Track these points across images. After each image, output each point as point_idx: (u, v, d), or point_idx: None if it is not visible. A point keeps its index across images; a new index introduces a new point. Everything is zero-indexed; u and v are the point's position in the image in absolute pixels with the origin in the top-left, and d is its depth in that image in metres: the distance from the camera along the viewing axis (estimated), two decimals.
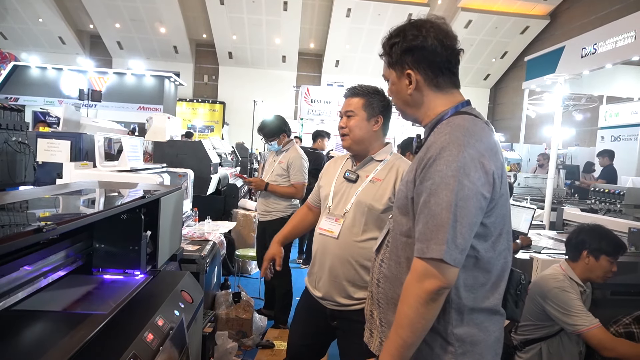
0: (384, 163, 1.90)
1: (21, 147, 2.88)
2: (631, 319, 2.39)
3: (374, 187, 1.85)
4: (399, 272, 1.22)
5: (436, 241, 1.05)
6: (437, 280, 1.06)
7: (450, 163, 1.06)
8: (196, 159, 4.15)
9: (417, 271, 1.09)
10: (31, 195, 1.74)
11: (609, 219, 3.64)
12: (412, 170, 1.18)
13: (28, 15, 15.79)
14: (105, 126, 4.05)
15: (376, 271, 1.34)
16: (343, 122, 1.91)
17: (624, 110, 8.93)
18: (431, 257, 1.05)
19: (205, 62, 18.80)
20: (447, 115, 1.22)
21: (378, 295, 1.31)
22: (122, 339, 1.18)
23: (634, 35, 6.33)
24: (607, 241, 2.15)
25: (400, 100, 1.30)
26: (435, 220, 1.06)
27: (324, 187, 2.01)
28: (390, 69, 1.28)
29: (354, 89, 1.93)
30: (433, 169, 1.09)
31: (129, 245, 1.67)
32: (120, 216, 1.63)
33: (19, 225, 1.19)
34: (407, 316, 1.09)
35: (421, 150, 1.18)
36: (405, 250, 1.21)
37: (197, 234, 2.94)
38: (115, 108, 14.11)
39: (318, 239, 1.91)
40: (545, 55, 6.65)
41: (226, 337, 2.81)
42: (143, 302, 1.46)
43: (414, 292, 1.08)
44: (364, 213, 1.82)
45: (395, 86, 1.28)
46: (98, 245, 1.68)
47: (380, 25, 15.85)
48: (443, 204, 1.05)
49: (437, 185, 1.07)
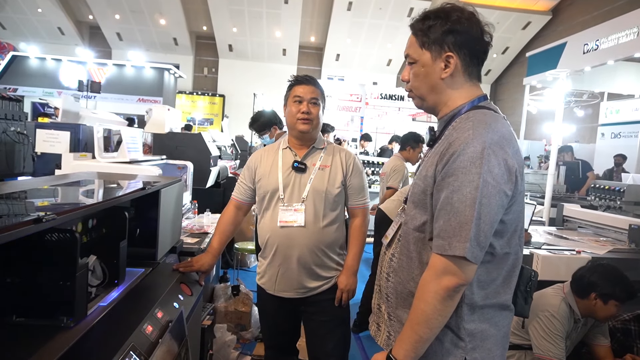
0: (324, 150, 2.01)
1: (20, 138, 2.86)
2: (632, 316, 2.40)
3: (324, 173, 1.95)
4: (410, 266, 1.21)
5: (459, 239, 1.05)
6: (456, 277, 1.06)
7: (474, 160, 1.05)
8: (196, 152, 4.13)
9: (436, 268, 1.08)
10: (29, 185, 1.72)
11: (609, 215, 3.64)
12: (432, 164, 1.15)
13: (27, 5, 15.68)
14: (104, 117, 4.03)
15: (386, 265, 1.32)
16: (306, 107, 1.92)
17: (624, 107, 8.91)
18: (454, 254, 1.05)
19: (205, 54, 18.71)
20: (465, 109, 1.19)
21: (387, 289, 1.29)
22: (121, 330, 1.17)
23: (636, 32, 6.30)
24: (620, 288, 2.06)
25: (427, 85, 1.22)
26: (458, 217, 1.06)
27: (265, 180, 1.98)
28: (424, 50, 1.20)
29: (313, 79, 2.01)
30: (456, 165, 1.07)
31: (58, 280, 1.10)
32: (45, 236, 1.07)
33: (17, 215, 1.18)
34: (423, 312, 1.08)
35: (440, 145, 1.16)
36: (416, 245, 1.20)
37: (197, 227, 2.93)
38: (115, 100, 14.05)
39: (279, 232, 1.91)
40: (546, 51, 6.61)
41: (225, 330, 2.81)
42: (142, 294, 1.45)
43: (431, 289, 1.08)
44: (322, 199, 1.92)
45: (426, 68, 1.20)
46: (10, 279, 1.10)
47: (381, 20, 15.78)
48: (467, 201, 1.05)
49: (460, 181, 1.06)
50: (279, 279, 1.95)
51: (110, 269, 1.41)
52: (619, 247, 3.08)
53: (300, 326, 2.13)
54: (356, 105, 12.85)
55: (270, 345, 2.14)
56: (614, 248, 3.02)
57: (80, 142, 3.07)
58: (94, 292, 1.35)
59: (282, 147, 2.03)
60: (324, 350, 1.97)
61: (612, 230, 3.43)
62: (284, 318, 2.04)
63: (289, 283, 1.94)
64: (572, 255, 2.77)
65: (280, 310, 2.02)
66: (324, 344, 1.98)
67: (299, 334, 2.16)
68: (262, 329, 2.20)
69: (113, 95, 14.02)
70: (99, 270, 1.37)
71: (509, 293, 1.19)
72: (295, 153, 1.99)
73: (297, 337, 2.16)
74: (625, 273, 2.14)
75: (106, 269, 1.40)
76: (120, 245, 1.44)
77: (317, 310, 1.97)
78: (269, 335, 2.13)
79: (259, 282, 2.06)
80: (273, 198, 1.95)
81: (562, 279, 2.29)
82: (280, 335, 2.10)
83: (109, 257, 1.41)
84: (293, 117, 1.95)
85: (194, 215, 3.40)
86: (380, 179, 4.60)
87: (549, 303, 2.13)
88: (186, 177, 3.44)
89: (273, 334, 2.11)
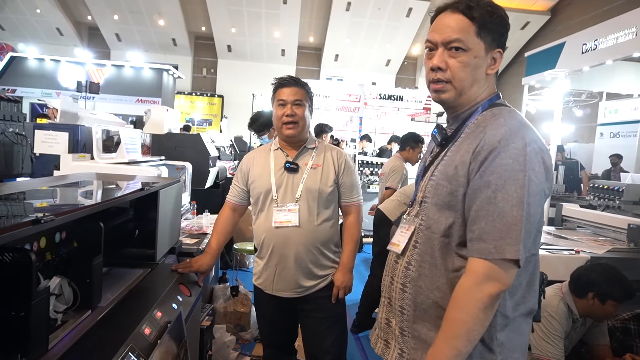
0: (316, 150, 2.03)
1: (18, 139, 2.86)
2: (631, 315, 2.40)
3: (317, 173, 1.97)
4: (434, 274, 1.11)
5: (509, 241, 0.98)
6: (499, 283, 1.00)
7: (517, 156, 1.00)
8: (194, 152, 4.13)
9: (478, 273, 1.00)
10: (28, 186, 1.72)
11: (608, 215, 3.64)
12: (463, 163, 1.07)
13: (26, 6, 15.66)
14: (103, 118, 4.02)
15: (400, 275, 1.19)
16: (290, 109, 1.93)
17: (623, 107, 8.93)
18: (503, 257, 0.98)
19: (204, 55, 18.70)
20: (484, 106, 1.14)
21: (402, 301, 1.17)
22: (119, 331, 1.17)
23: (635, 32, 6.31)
24: (618, 287, 2.06)
25: (473, 77, 1.11)
26: (504, 218, 0.99)
27: (258, 181, 2.00)
28: (480, 40, 1.09)
29: (296, 79, 2.03)
30: (497, 162, 1.00)
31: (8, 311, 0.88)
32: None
33: (16, 216, 1.17)
34: (464, 324, 1.00)
35: (466, 142, 1.09)
36: (442, 251, 1.11)
37: (196, 227, 2.93)
38: (113, 100, 14.05)
39: (274, 232, 1.93)
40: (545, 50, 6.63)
41: (224, 331, 2.81)
42: (141, 295, 1.44)
43: (473, 297, 1.00)
44: (315, 198, 1.93)
45: (478, 60, 1.10)
46: None
47: (380, 20, 15.77)
48: (513, 200, 0.98)
49: (504, 179, 0.99)
50: (276, 278, 1.96)
51: (82, 289, 1.17)
52: (618, 246, 3.08)
53: (298, 325, 2.13)
54: (355, 105, 12.85)
55: (268, 345, 2.15)
56: (613, 248, 3.02)
57: (79, 143, 3.07)
58: (60, 318, 1.12)
59: (274, 149, 2.05)
60: (321, 347, 1.98)
61: (611, 229, 3.43)
62: (282, 317, 2.05)
63: (286, 282, 1.94)
64: (571, 255, 2.77)
65: (278, 310, 2.03)
66: (321, 341, 1.99)
67: (297, 334, 2.16)
68: (260, 329, 2.21)
69: (112, 96, 14.01)
70: (67, 292, 1.14)
71: (534, 297, 1.14)
72: (287, 154, 2.01)
73: (295, 336, 2.17)
74: (624, 272, 2.13)
75: (77, 290, 1.17)
76: (94, 262, 1.19)
77: (314, 308, 1.98)
78: (267, 335, 2.14)
79: (255, 282, 2.06)
80: (267, 199, 1.97)
81: (561, 279, 2.29)
82: (278, 335, 2.11)
83: (80, 276, 1.18)
84: (279, 121, 1.97)
85: (193, 216, 3.40)
86: (380, 179, 4.60)
87: (547, 303, 2.13)
88: (185, 178, 3.43)
89: (271, 333, 2.12)
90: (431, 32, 1.14)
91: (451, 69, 1.10)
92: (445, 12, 1.12)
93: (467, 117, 1.15)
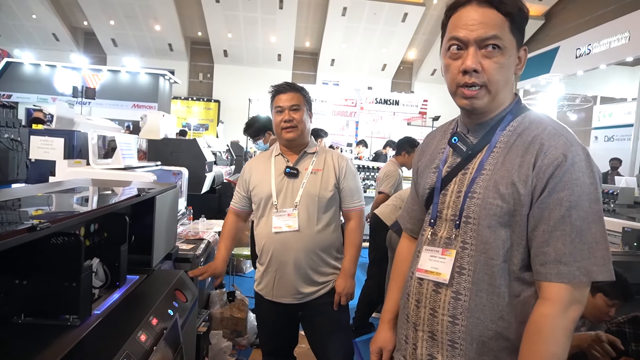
0: (316, 155, 2.03)
1: (14, 144, 2.86)
2: (627, 318, 2.40)
3: (317, 177, 1.96)
4: (496, 304, 1.01)
5: (596, 261, 0.92)
6: (580, 305, 0.95)
7: (584, 170, 0.94)
8: (191, 157, 4.12)
9: (562, 299, 0.94)
10: (24, 193, 1.72)
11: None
12: (522, 180, 0.98)
13: (21, 12, 15.66)
14: (99, 124, 4.02)
15: (445, 307, 1.06)
16: (288, 115, 1.94)
17: (617, 111, 9.00)
18: (594, 280, 0.93)
19: (200, 60, 18.73)
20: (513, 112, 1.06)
21: (452, 335, 1.05)
22: (115, 338, 1.16)
23: (627, 36, 6.37)
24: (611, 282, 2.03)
25: (505, 77, 1.02)
26: (584, 236, 0.93)
27: (258, 187, 2.00)
28: (513, 37, 1.00)
29: (291, 84, 2.02)
30: (568, 177, 0.93)
31: (63, 281, 1.15)
32: (51, 240, 1.13)
33: (11, 223, 1.17)
34: (554, 355, 0.93)
35: (512, 155, 1.01)
36: (504, 278, 1.00)
37: (192, 233, 2.93)
38: (110, 106, 14.05)
39: (273, 238, 1.92)
40: (539, 55, 6.68)
41: (220, 337, 2.80)
42: (137, 302, 1.44)
43: (561, 326, 0.93)
44: (315, 203, 1.93)
45: (510, 59, 1.01)
46: (18, 281, 1.15)
47: (375, 24, 15.85)
48: (589, 218, 0.93)
49: (577, 196, 0.93)
50: (276, 284, 1.95)
51: (112, 271, 1.47)
52: (612, 249, 3.10)
53: (298, 332, 2.13)
54: (351, 110, 12.89)
55: (267, 352, 2.13)
56: None
57: (75, 149, 3.06)
58: (97, 293, 1.40)
59: (274, 154, 2.06)
60: (326, 355, 1.98)
61: None
62: (282, 324, 2.04)
63: (286, 288, 1.94)
64: None
65: (278, 317, 2.01)
66: (326, 348, 1.98)
67: (296, 341, 2.16)
68: (260, 335, 2.20)
69: (108, 101, 14.02)
70: (101, 272, 1.43)
71: None
72: (287, 159, 2.01)
73: (295, 343, 2.16)
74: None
75: (108, 272, 1.46)
76: (121, 249, 1.48)
77: (316, 315, 1.97)
78: (267, 342, 2.13)
79: (256, 288, 2.06)
80: (267, 204, 1.97)
81: None
82: (278, 342, 2.10)
83: (110, 260, 1.46)
84: (278, 127, 1.98)
85: (189, 222, 3.39)
86: (376, 185, 4.61)
87: None
88: (181, 183, 3.43)
89: (271, 340, 2.10)
90: (458, 28, 1.00)
91: (487, 71, 0.99)
92: (471, 5, 0.99)
93: (497, 123, 1.06)
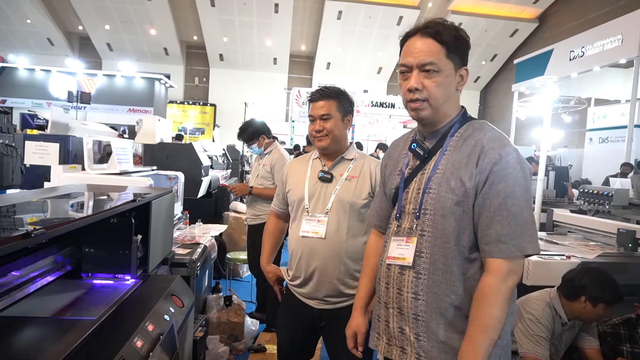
0: (354, 161, 1.98)
1: (8, 150, 2.85)
2: (621, 320, 2.42)
3: (351, 184, 1.91)
4: (450, 280, 1.22)
5: (526, 239, 1.14)
6: (516, 275, 1.17)
7: (515, 166, 1.16)
8: (187, 162, 4.12)
9: (502, 271, 1.15)
10: (19, 199, 1.71)
11: (598, 219, 3.68)
12: (469, 176, 1.19)
13: (16, 16, 15.63)
14: (94, 128, 4.01)
15: (410, 285, 1.27)
16: (319, 125, 1.92)
17: (611, 113, 9.06)
18: (526, 254, 1.15)
19: (196, 64, 18.74)
20: (459, 119, 1.28)
21: (415, 309, 1.26)
22: (111, 344, 1.16)
23: (620, 39, 6.42)
24: (610, 290, 2.10)
25: (446, 95, 1.24)
26: (518, 219, 1.14)
27: (293, 189, 1.99)
28: (449, 60, 1.22)
29: (324, 92, 1.96)
30: (503, 172, 1.15)
31: (119, 250, 1.64)
32: (110, 220, 1.60)
33: (7, 229, 1.17)
34: (496, 317, 1.14)
35: (458, 154, 1.23)
36: (455, 258, 1.21)
37: (188, 237, 2.92)
38: (105, 110, 14.04)
39: (301, 242, 1.90)
40: (534, 58, 6.72)
41: (217, 341, 2.80)
42: (133, 307, 1.44)
43: (501, 292, 1.14)
44: (347, 210, 1.87)
45: (449, 79, 1.23)
46: (87, 249, 1.65)
47: (371, 28, 15.92)
48: (521, 204, 1.15)
49: (511, 187, 1.15)
50: (304, 287, 1.92)
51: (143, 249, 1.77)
52: (608, 251, 3.11)
53: (316, 345, 2.06)
54: None
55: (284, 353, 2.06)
56: (603, 252, 3.04)
57: (70, 154, 3.05)
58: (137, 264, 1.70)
59: (313, 157, 2.04)
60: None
61: (601, 234, 3.46)
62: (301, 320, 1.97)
63: (312, 292, 1.90)
64: (562, 260, 2.78)
65: (298, 314, 1.96)
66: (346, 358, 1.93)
67: (313, 352, 2.08)
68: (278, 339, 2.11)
69: (103, 106, 14.00)
70: (139, 249, 1.73)
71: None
72: (324, 163, 1.99)
73: (311, 355, 2.08)
74: (615, 276, 2.18)
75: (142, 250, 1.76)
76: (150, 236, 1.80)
77: (338, 325, 1.84)
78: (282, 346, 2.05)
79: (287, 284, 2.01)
80: (299, 208, 1.95)
81: (552, 284, 2.30)
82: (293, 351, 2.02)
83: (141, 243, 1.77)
84: (311, 135, 1.98)
85: (186, 226, 3.39)
86: None
87: (532, 307, 2.19)
88: (177, 188, 3.43)
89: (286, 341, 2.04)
90: (405, 55, 1.25)
91: (427, 89, 1.22)
92: (416, 37, 1.24)
93: (447, 131, 1.28)
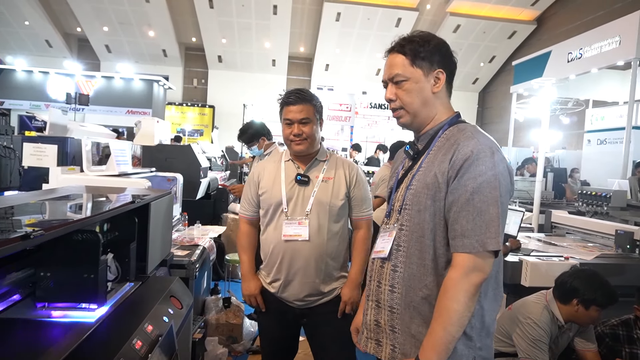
0: (327, 162, 2.00)
1: (6, 152, 2.84)
2: (619, 321, 2.42)
3: (328, 186, 1.94)
4: (423, 274, 1.24)
5: (489, 235, 1.14)
6: (482, 273, 1.15)
7: (487, 163, 1.16)
8: (185, 163, 4.12)
9: (464, 266, 1.15)
10: (17, 200, 1.71)
11: (596, 221, 3.69)
12: (442, 172, 1.22)
13: (14, 18, 15.59)
14: (93, 130, 4.01)
15: (387, 278, 1.31)
16: (297, 129, 1.90)
17: (609, 114, 9.07)
18: (487, 250, 1.14)
19: (194, 65, 18.72)
20: (448, 123, 1.31)
21: (391, 302, 1.29)
22: (110, 346, 1.16)
23: (618, 40, 6.44)
24: (602, 292, 2.10)
25: (421, 99, 1.30)
26: (483, 216, 1.14)
27: (268, 192, 1.96)
28: (415, 67, 1.28)
29: (302, 95, 1.93)
30: (473, 169, 1.16)
31: (82, 273, 1.32)
32: (73, 236, 1.29)
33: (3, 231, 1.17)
34: (456, 312, 1.13)
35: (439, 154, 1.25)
36: (428, 252, 1.24)
37: (187, 239, 2.92)
38: (103, 112, 14.01)
39: (283, 245, 1.89)
40: (532, 59, 6.74)
41: (216, 343, 2.79)
42: (131, 309, 1.44)
43: (462, 287, 1.14)
44: (326, 211, 1.91)
45: (418, 84, 1.29)
46: (43, 273, 1.32)
47: (369, 30, 15.93)
48: (489, 201, 1.15)
49: (479, 183, 1.15)
50: (281, 289, 1.93)
51: (123, 266, 1.59)
52: (606, 252, 3.12)
53: (298, 341, 2.09)
54: (346, 114, 12.92)
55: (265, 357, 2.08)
56: (602, 253, 3.05)
57: (68, 156, 3.05)
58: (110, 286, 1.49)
59: (285, 160, 2.01)
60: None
61: (599, 235, 3.47)
62: (284, 320, 1.99)
63: (294, 293, 1.92)
64: (560, 261, 2.79)
65: (278, 314, 1.98)
66: (328, 356, 1.95)
67: (296, 347, 2.11)
68: (260, 340, 2.13)
69: (102, 108, 13.98)
70: (113, 267, 1.53)
71: (500, 286, 1.29)
72: (298, 165, 1.98)
73: (295, 350, 2.11)
74: (613, 278, 2.18)
75: (119, 267, 1.58)
76: (131, 247, 1.59)
77: (320, 322, 1.95)
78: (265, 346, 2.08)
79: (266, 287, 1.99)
80: (277, 211, 1.93)
81: (551, 286, 2.31)
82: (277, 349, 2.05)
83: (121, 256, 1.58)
84: (287, 139, 1.95)
85: (184, 228, 3.38)
86: (371, 189, 4.62)
87: (530, 311, 2.18)
88: (176, 189, 3.42)
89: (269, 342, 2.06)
90: (383, 72, 1.36)
91: (399, 98, 1.31)
92: (389, 55, 1.34)
93: (435, 133, 1.32)
